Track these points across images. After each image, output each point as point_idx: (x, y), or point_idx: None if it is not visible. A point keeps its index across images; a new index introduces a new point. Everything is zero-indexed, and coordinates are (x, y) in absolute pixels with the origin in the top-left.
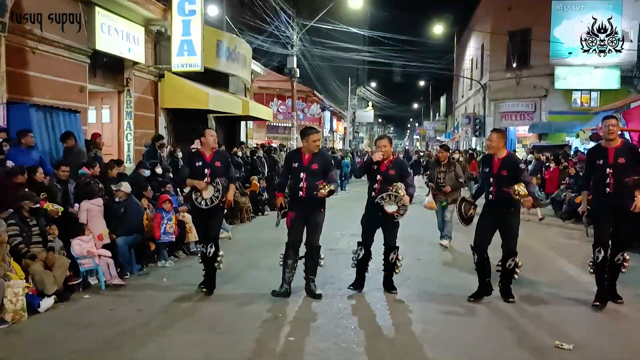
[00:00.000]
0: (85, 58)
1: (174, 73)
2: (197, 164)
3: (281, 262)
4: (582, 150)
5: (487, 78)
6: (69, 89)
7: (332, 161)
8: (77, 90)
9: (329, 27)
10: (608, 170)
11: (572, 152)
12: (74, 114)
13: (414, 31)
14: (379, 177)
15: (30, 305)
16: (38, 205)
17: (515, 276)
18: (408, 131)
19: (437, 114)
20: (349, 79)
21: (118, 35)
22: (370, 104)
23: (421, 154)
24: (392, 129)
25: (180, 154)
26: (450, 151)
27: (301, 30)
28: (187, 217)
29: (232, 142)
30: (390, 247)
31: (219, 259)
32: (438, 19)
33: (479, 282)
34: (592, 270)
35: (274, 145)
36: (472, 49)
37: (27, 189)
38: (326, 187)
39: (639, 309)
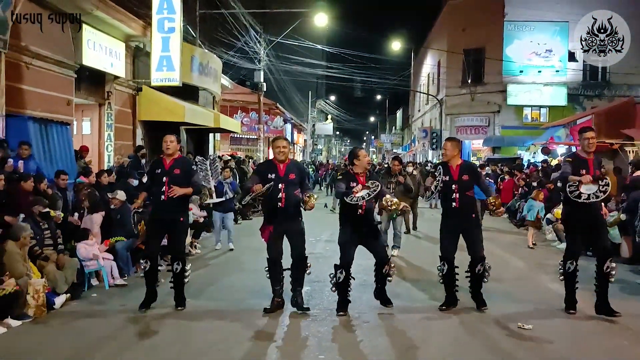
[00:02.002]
0: (72, 72)
1: (153, 87)
2: (157, 171)
3: (267, 276)
4: (535, 163)
5: (444, 93)
6: (58, 102)
7: (306, 169)
8: (64, 103)
9: (293, 42)
10: None
11: (525, 165)
12: (65, 126)
13: (373, 48)
14: None
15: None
16: (48, 209)
17: (485, 280)
18: (364, 144)
19: (394, 127)
20: (309, 92)
21: (102, 51)
22: (329, 117)
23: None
24: (348, 141)
25: None
26: (404, 164)
27: (268, 46)
28: None
29: (202, 153)
30: (382, 259)
31: (187, 274)
32: (396, 36)
33: (447, 292)
34: (562, 278)
35: (240, 156)
36: (428, 66)
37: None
38: (311, 197)
39: (585, 299)
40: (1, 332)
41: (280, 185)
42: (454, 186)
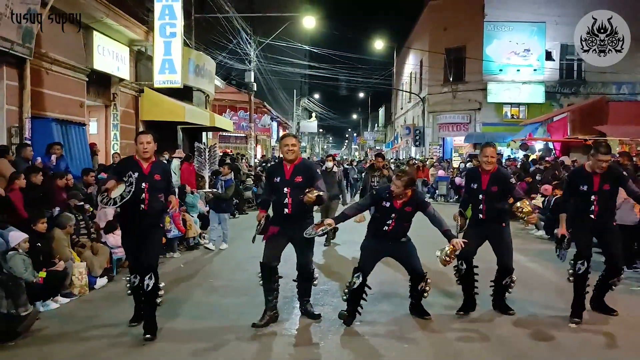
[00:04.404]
0: (84, 76)
1: (155, 89)
2: (133, 174)
3: (260, 282)
4: (514, 158)
5: (426, 92)
6: (72, 104)
7: (318, 170)
8: (78, 105)
9: (281, 44)
10: (592, 197)
11: (504, 160)
12: (82, 127)
13: (357, 48)
14: (393, 214)
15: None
16: (82, 202)
17: (510, 290)
18: (346, 141)
19: (376, 125)
20: (294, 91)
21: (110, 55)
22: (313, 115)
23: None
24: (331, 138)
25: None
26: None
27: (258, 47)
28: (187, 216)
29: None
30: (419, 275)
31: (160, 292)
32: (379, 36)
33: (466, 294)
34: (571, 279)
35: (233, 154)
36: (411, 65)
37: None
38: (314, 191)
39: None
40: (54, 307)
41: (285, 189)
42: (481, 196)
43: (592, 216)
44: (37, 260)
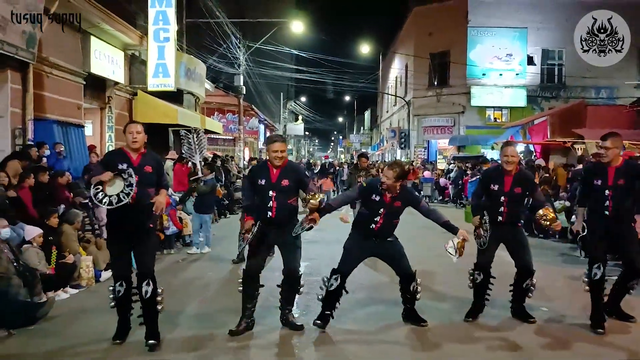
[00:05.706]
0: (81, 80)
1: (148, 92)
2: (119, 165)
3: (240, 289)
4: (497, 160)
5: (411, 95)
6: (70, 106)
7: (306, 172)
8: (76, 107)
9: (270, 48)
10: (607, 192)
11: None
12: (81, 128)
13: (343, 52)
14: (382, 210)
15: None
16: (87, 200)
17: (530, 295)
18: (332, 143)
19: (362, 128)
20: (281, 94)
21: (105, 59)
22: (300, 117)
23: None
24: (317, 141)
25: None
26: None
27: (247, 52)
28: (184, 214)
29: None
30: (410, 275)
31: (159, 298)
32: (365, 41)
33: (476, 300)
34: (587, 288)
35: (223, 156)
36: (396, 69)
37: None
38: (316, 196)
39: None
40: (64, 297)
41: (270, 192)
42: (502, 198)
43: (607, 212)
44: (49, 254)
